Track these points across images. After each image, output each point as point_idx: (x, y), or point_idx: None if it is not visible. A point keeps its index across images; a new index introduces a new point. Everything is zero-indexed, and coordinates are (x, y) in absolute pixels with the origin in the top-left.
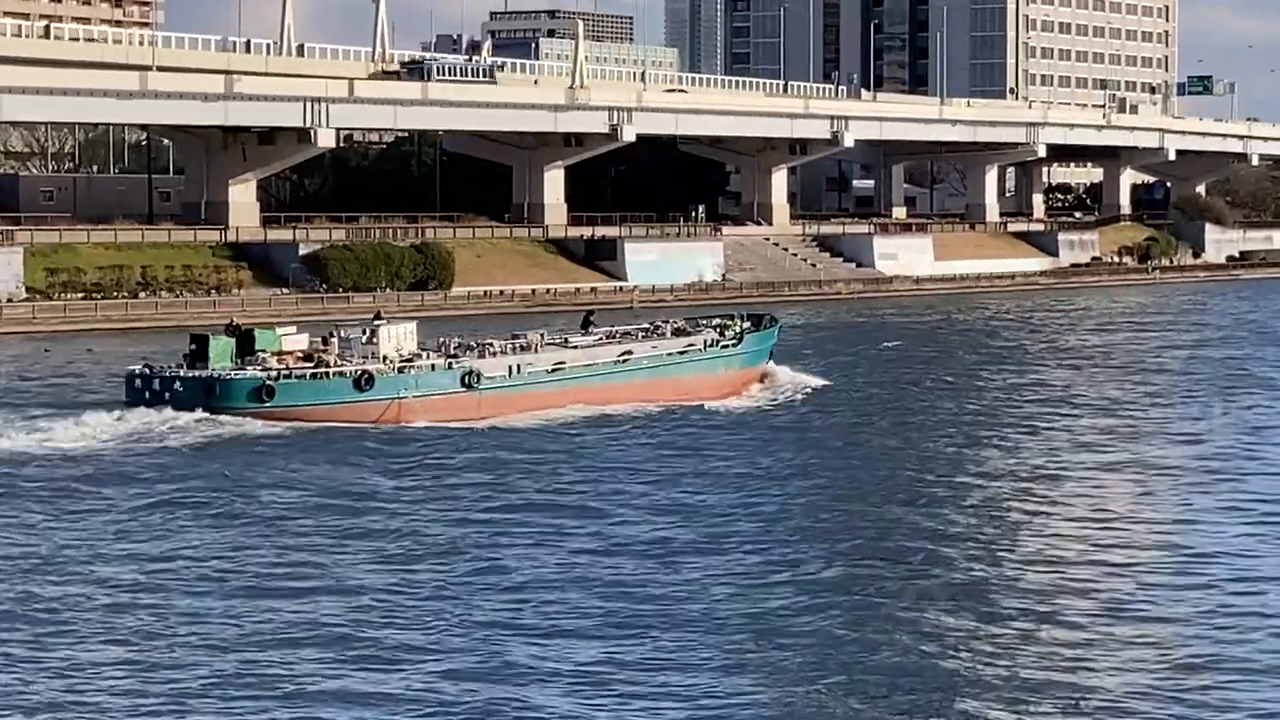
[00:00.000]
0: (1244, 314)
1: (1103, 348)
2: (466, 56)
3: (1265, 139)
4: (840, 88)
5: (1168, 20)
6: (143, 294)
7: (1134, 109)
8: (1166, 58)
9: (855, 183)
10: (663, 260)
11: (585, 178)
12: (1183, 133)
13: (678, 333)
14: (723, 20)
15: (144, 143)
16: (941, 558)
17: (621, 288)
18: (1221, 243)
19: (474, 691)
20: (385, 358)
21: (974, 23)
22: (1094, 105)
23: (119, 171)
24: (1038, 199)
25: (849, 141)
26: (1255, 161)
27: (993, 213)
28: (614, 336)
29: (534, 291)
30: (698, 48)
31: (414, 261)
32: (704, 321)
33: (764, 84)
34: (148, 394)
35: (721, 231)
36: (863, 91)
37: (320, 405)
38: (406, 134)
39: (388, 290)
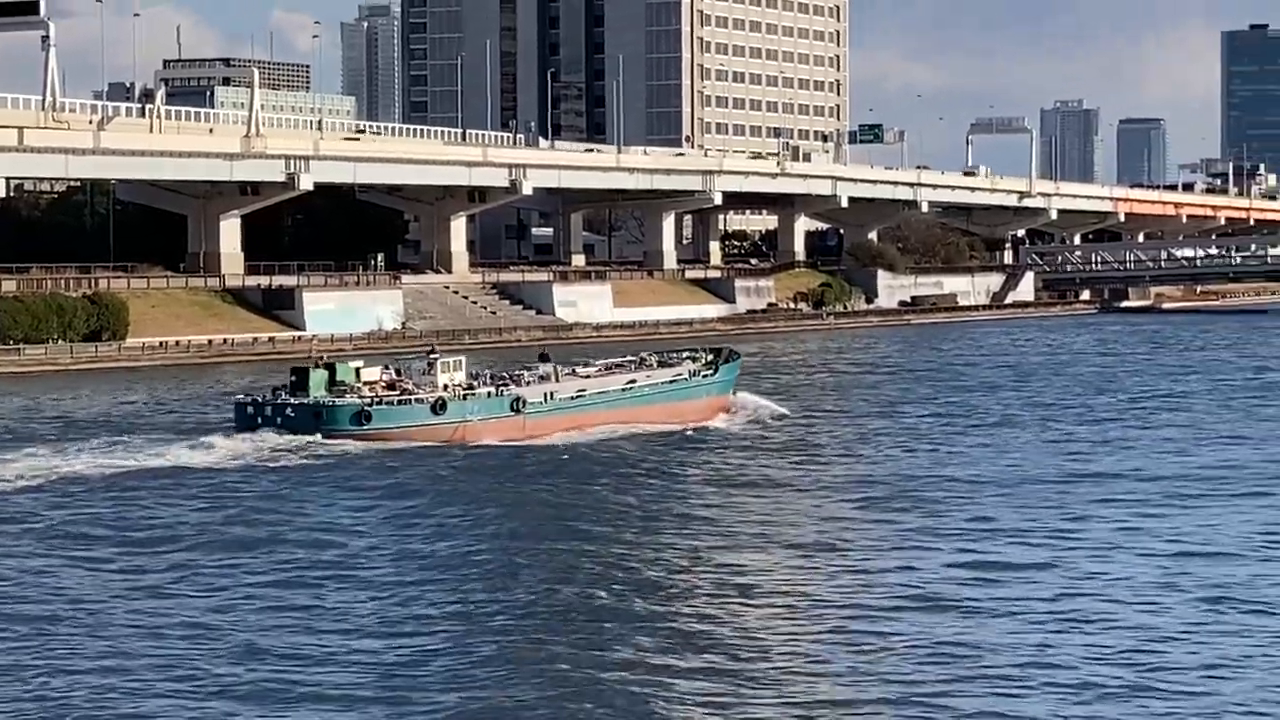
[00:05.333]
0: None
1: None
2: (140, 104)
3: (934, 186)
4: (518, 136)
5: (839, 70)
6: None
7: (807, 157)
8: (838, 106)
9: (534, 230)
10: (341, 309)
11: (262, 226)
12: (855, 180)
13: (662, 364)
14: (400, 69)
15: None
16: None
17: (300, 337)
18: (894, 288)
19: None
20: (445, 386)
21: (649, 72)
22: (769, 153)
23: None
24: (714, 246)
25: (527, 189)
26: (925, 208)
27: (670, 260)
28: (612, 368)
29: (210, 342)
30: (375, 96)
31: (87, 313)
32: (675, 355)
33: (443, 132)
34: (259, 419)
35: (401, 280)
36: (540, 140)
37: (404, 427)
38: (79, 183)
39: (60, 342)
